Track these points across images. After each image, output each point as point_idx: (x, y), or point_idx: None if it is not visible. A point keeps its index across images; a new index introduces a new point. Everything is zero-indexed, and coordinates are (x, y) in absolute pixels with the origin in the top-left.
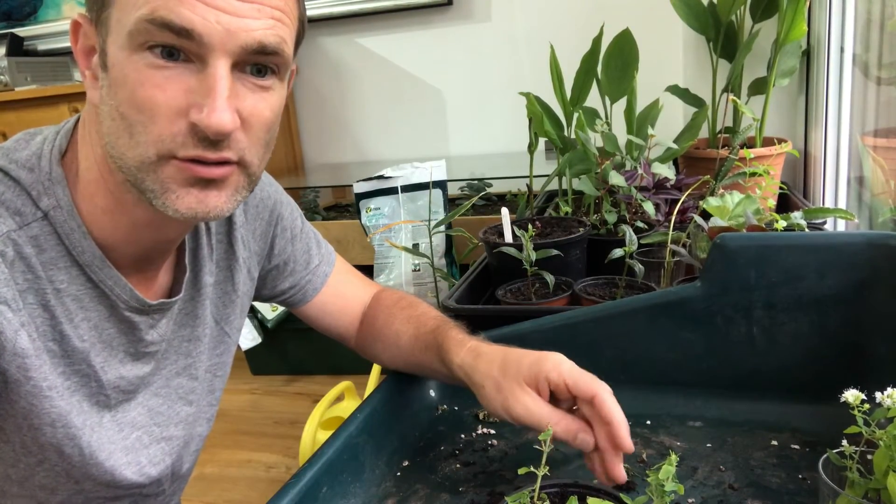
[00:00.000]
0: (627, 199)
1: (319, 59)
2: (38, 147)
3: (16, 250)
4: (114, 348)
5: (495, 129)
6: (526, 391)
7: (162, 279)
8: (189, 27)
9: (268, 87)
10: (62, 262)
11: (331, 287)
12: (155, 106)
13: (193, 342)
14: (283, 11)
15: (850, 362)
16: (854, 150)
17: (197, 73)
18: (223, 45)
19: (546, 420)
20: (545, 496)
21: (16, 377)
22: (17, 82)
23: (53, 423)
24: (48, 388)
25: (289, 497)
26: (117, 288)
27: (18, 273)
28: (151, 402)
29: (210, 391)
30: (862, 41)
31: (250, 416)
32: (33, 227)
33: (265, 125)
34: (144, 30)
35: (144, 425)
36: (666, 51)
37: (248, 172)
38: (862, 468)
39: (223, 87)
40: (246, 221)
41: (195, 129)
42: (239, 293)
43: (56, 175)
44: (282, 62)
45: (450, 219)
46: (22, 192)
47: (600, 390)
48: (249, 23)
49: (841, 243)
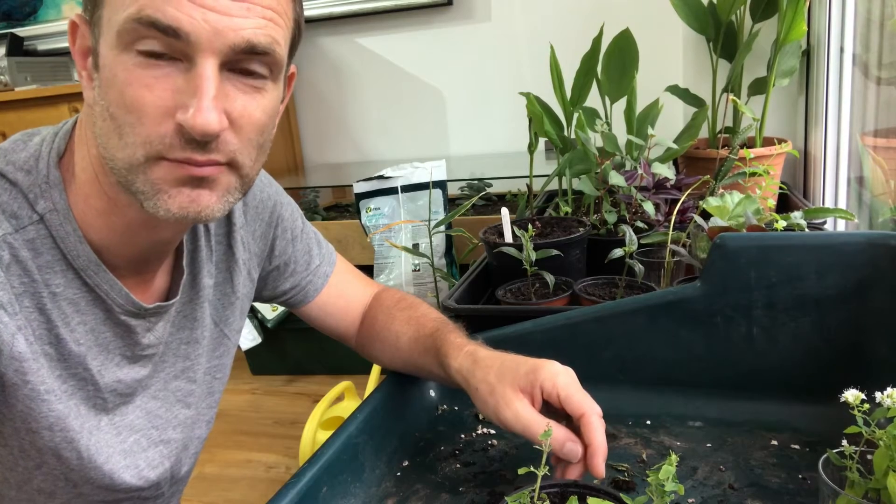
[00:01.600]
0: (627, 199)
1: (319, 59)
2: (36, 149)
3: (12, 254)
4: (110, 352)
5: (495, 129)
6: (518, 397)
7: (159, 282)
8: (175, 25)
9: (259, 87)
10: (58, 266)
11: (332, 287)
12: (143, 106)
13: (192, 345)
14: (276, 11)
15: (850, 362)
16: (854, 150)
17: (185, 73)
18: (210, 43)
19: (534, 427)
20: (545, 496)
21: (13, 381)
22: (17, 82)
23: (51, 426)
24: (46, 391)
25: (289, 497)
26: (113, 292)
27: (14, 277)
28: (149, 405)
29: (209, 393)
30: (862, 41)
31: (250, 416)
32: (29, 230)
33: (256, 127)
34: (132, 29)
35: (142, 428)
36: (666, 51)
37: (239, 174)
38: (862, 468)
39: (209, 87)
40: (246, 223)
41: (182, 130)
42: (238, 295)
43: (53, 178)
44: (274, 63)
45: (450, 219)
46: (19, 194)
47: (588, 412)
48: (238, 21)
49: (841, 243)
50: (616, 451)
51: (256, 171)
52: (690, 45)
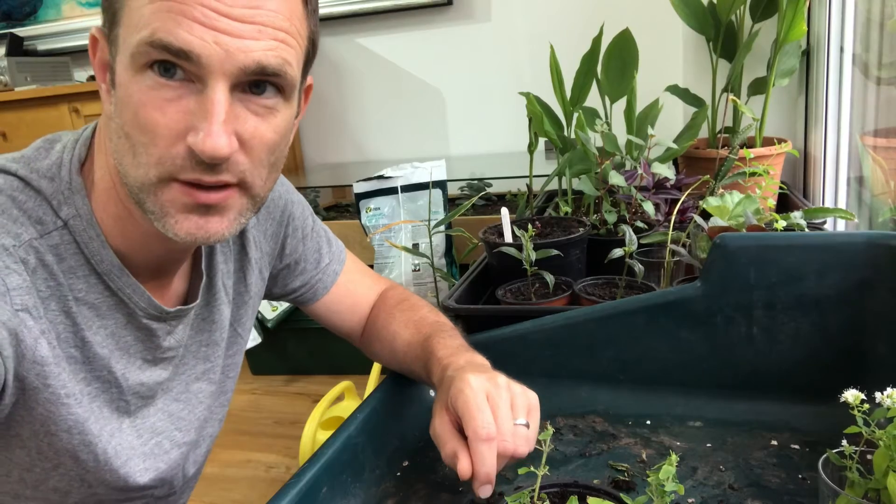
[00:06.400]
0: (627, 199)
1: (319, 59)
2: (58, 156)
3: (38, 258)
4: (132, 355)
5: (495, 129)
6: (440, 414)
7: (177, 285)
8: (187, 49)
9: (271, 108)
10: (81, 271)
11: (341, 286)
12: (156, 128)
13: (211, 346)
14: (288, 32)
15: (849, 362)
16: (854, 150)
17: (197, 95)
18: (221, 66)
19: (440, 443)
20: (545, 496)
21: (34, 384)
22: (17, 82)
23: (70, 429)
24: (66, 395)
25: (289, 497)
26: (135, 296)
27: (41, 280)
28: (171, 408)
29: (222, 392)
30: (862, 41)
31: (250, 416)
32: (53, 235)
33: (267, 147)
34: (145, 52)
35: (164, 430)
36: (666, 51)
37: (251, 194)
38: (862, 468)
39: (219, 112)
40: (258, 223)
41: (193, 153)
42: (251, 294)
43: (76, 184)
44: (285, 84)
45: (450, 219)
46: (43, 201)
47: (472, 436)
48: (249, 44)
49: (841, 243)
50: (616, 451)
51: (268, 189)
52: (690, 45)
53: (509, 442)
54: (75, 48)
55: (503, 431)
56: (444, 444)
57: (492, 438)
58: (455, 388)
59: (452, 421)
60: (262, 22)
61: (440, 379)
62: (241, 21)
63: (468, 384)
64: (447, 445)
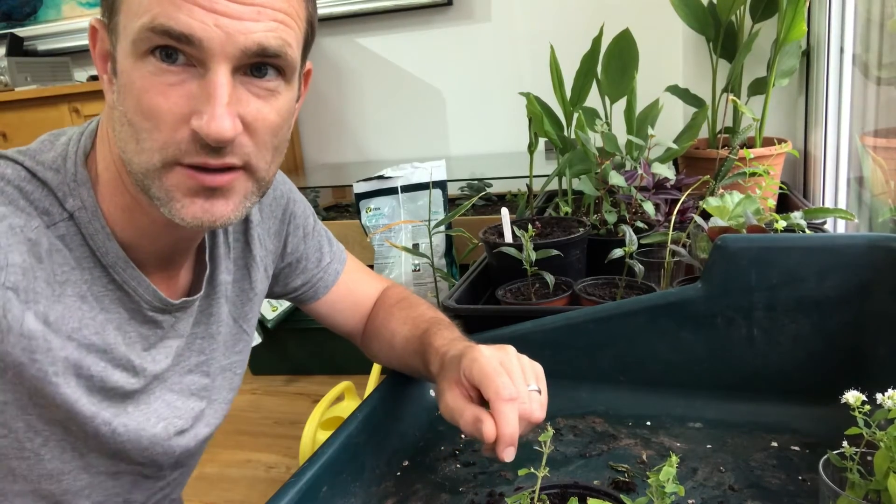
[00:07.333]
0: (627, 199)
1: (319, 59)
2: (63, 148)
3: (50, 242)
4: (133, 345)
5: (495, 129)
6: (451, 389)
7: (182, 277)
8: (188, 33)
9: (273, 89)
10: (86, 263)
11: (342, 285)
12: (159, 113)
13: (208, 339)
14: (287, 13)
15: (850, 364)
16: (854, 150)
17: (199, 79)
18: (223, 48)
19: (456, 414)
20: (545, 497)
21: (20, 360)
22: (17, 82)
23: (59, 405)
24: (54, 374)
25: (289, 497)
26: (140, 288)
27: (57, 265)
28: (167, 397)
29: (229, 389)
30: (862, 41)
31: (250, 416)
32: (59, 227)
33: (271, 129)
34: (146, 38)
35: (166, 417)
36: (666, 51)
37: (256, 178)
38: (862, 469)
39: (222, 94)
40: (262, 220)
41: (197, 136)
42: (256, 291)
43: (81, 176)
44: (286, 65)
45: (450, 219)
46: (49, 193)
47: (495, 397)
48: (249, 25)
49: (842, 245)
50: (616, 451)
51: (273, 172)
52: (690, 45)
53: (527, 404)
54: (75, 48)
55: (521, 393)
56: (463, 412)
57: (514, 398)
58: (468, 359)
59: (464, 394)
60: (260, 3)
61: (440, 365)
62: (240, 3)
63: (481, 353)
64: (466, 412)
